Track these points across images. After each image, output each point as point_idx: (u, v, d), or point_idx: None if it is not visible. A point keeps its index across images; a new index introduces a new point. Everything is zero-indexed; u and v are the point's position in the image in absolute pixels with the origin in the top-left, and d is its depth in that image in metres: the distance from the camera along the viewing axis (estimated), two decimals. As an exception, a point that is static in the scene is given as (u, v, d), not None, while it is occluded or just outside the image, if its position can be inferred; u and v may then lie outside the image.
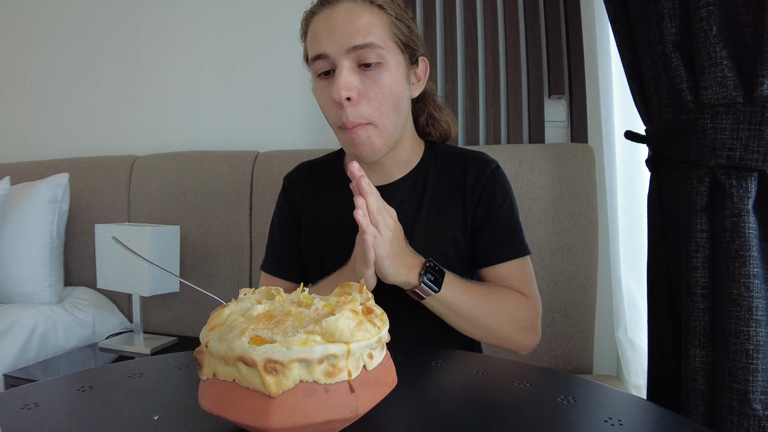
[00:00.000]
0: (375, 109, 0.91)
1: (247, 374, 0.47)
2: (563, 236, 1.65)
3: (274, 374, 0.47)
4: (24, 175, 2.25)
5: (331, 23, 0.90)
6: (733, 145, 0.84)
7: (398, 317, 0.74)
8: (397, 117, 0.96)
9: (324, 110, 0.97)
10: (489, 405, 0.63)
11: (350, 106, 0.90)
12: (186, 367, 0.77)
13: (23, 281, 1.94)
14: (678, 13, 0.91)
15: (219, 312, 0.56)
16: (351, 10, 0.90)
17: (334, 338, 0.49)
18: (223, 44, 2.25)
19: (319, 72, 0.93)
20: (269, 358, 0.46)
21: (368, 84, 0.90)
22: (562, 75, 1.80)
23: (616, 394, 0.66)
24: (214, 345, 0.50)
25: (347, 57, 0.89)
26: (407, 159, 1.07)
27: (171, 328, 2.07)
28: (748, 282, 0.81)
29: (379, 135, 0.94)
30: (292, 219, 1.13)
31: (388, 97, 0.92)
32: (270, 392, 0.46)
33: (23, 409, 0.61)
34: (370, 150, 0.94)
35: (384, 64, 0.91)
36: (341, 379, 0.50)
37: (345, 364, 0.50)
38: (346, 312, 0.52)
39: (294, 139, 2.16)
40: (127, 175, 2.19)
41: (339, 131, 0.96)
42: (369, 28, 0.89)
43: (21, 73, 2.59)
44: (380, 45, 0.90)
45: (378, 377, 0.54)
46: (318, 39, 0.91)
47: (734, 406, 0.81)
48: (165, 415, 0.59)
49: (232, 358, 0.48)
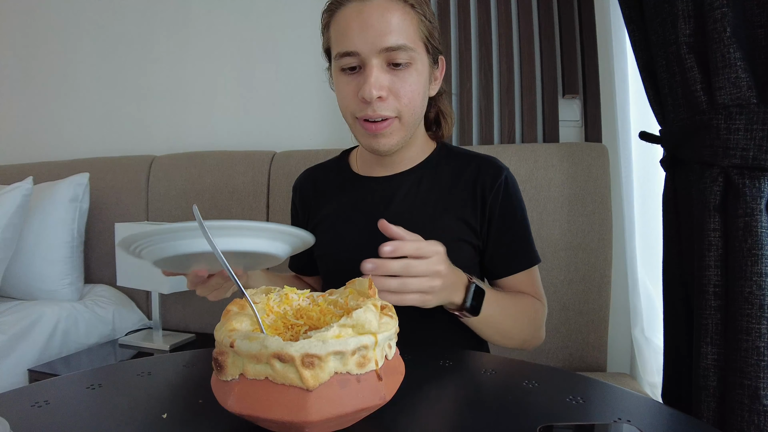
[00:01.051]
0: (404, 105, 0.92)
1: (282, 370, 0.48)
2: (577, 235, 1.66)
3: (311, 368, 0.48)
4: (46, 174, 2.29)
5: (364, 20, 0.88)
6: (747, 146, 0.85)
7: (407, 318, 0.76)
8: (420, 114, 0.98)
9: (344, 102, 0.96)
10: (497, 405, 0.64)
11: (379, 103, 0.91)
12: (194, 366, 0.78)
13: (45, 278, 1.98)
14: (692, 14, 0.92)
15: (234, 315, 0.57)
16: (384, 6, 0.88)
17: (364, 330, 0.51)
18: (241, 45, 2.28)
19: (345, 67, 0.93)
20: (306, 352, 0.48)
21: (397, 83, 0.91)
22: (576, 74, 1.80)
23: (626, 394, 0.67)
24: (243, 344, 0.50)
25: (378, 57, 0.89)
26: (414, 155, 1.09)
27: (189, 325, 2.11)
28: (760, 280, 0.82)
29: (400, 129, 0.95)
30: (300, 224, 1.17)
31: (416, 95, 0.93)
32: (308, 386, 0.47)
33: (33, 406, 0.61)
34: (389, 143, 0.95)
35: (413, 64, 0.92)
36: (370, 369, 0.52)
37: (373, 355, 0.52)
38: (370, 305, 0.54)
39: (310, 138, 2.18)
40: (146, 174, 2.22)
41: (357, 122, 0.96)
42: (401, 28, 0.89)
43: (43, 76, 2.64)
44: (411, 47, 0.90)
45: (395, 366, 0.57)
46: (348, 35, 0.90)
47: (745, 402, 0.82)
48: (174, 413, 0.60)
49: (266, 355, 0.48)
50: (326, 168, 1.21)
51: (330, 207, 1.12)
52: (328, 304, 0.64)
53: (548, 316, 1.08)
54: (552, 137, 1.82)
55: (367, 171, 1.11)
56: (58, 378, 0.73)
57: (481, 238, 1.05)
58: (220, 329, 0.55)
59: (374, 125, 0.93)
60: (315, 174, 1.21)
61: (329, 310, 0.61)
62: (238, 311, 0.58)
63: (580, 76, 1.80)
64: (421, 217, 1.03)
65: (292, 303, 0.63)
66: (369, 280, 0.64)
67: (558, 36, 1.82)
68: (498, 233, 1.04)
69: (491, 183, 1.04)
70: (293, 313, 0.61)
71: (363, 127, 0.95)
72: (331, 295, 0.66)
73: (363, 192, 1.09)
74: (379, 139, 0.95)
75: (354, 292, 0.64)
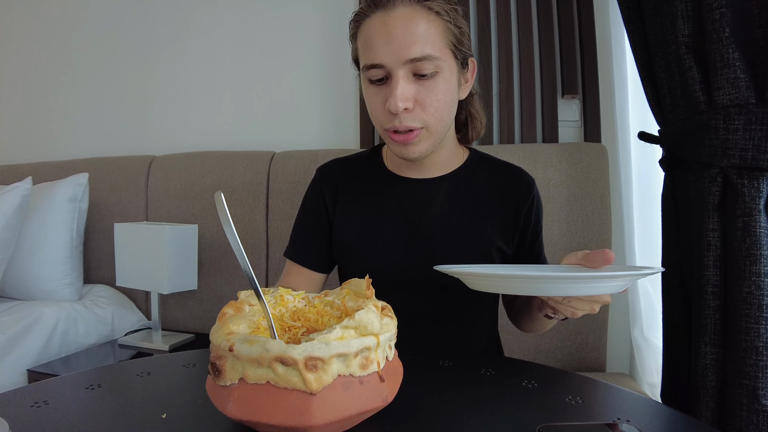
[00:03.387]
0: (430, 115, 0.91)
1: (285, 374, 0.47)
2: (577, 235, 1.66)
3: (314, 371, 0.47)
4: (45, 174, 2.29)
5: (388, 31, 0.87)
6: (746, 146, 0.85)
7: (409, 322, 0.76)
8: (448, 120, 0.96)
9: (373, 113, 0.96)
10: (496, 405, 0.64)
11: (405, 114, 0.90)
12: (193, 366, 0.78)
13: (45, 279, 1.98)
14: (691, 14, 0.92)
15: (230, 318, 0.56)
16: (408, 16, 0.87)
17: (366, 331, 0.51)
18: (240, 45, 2.28)
19: (372, 78, 0.92)
20: (310, 355, 0.47)
21: (424, 93, 0.89)
22: (575, 75, 1.80)
23: (625, 394, 0.67)
24: (243, 348, 0.49)
25: (404, 68, 0.88)
26: (446, 158, 1.08)
27: (188, 325, 2.11)
28: (758, 280, 0.82)
29: (429, 137, 0.94)
30: (323, 210, 1.13)
31: (443, 104, 0.92)
32: (311, 389, 0.47)
33: (32, 406, 0.61)
34: (418, 151, 0.95)
35: (440, 73, 0.90)
36: (372, 371, 0.51)
37: (375, 356, 0.52)
38: (371, 306, 0.53)
39: (310, 139, 2.18)
40: (145, 174, 2.22)
41: (386, 133, 0.95)
42: (426, 38, 0.87)
43: (42, 76, 2.64)
44: (437, 56, 0.88)
45: (395, 366, 0.57)
46: (373, 47, 0.89)
47: (744, 402, 0.82)
48: (173, 413, 0.60)
49: (268, 359, 0.47)
50: (355, 161, 1.18)
51: (364, 200, 1.10)
52: (325, 305, 0.63)
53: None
54: (551, 137, 1.82)
55: (401, 171, 1.09)
56: (57, 378, 0.73)
57: (512, 246, 1.06)
58: (217, 332, 0.54)
59: (402, 136, 0.92)
60: (344, 164, 1.17)
61: (327, 312, 0.61)
62: (234, 314, 0.57)
63: (580, 77, 1.80)
64: (460, 222, 1.04)
65: (287, 304, 0.63)
66: (367, 280, 0.63)
67: (557, 36, 1.83)
68: (528, 242, 1.07)
69: (526, 193, 1.06)
70: (290, 315, 0.60)
71: (392, 138, 0.94)
72: (327, 296, 0.66)
73: (401, 192, 1.08)
74: (408, 148, 0.94)
75: (351, 292, 0.64)
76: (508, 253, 1.06)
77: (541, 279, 0.67)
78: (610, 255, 0.73)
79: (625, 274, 0.67)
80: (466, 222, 1.04)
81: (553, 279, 0.67)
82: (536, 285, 0.68)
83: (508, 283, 0.72)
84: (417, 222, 1.04)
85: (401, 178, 1.09)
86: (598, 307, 0.80)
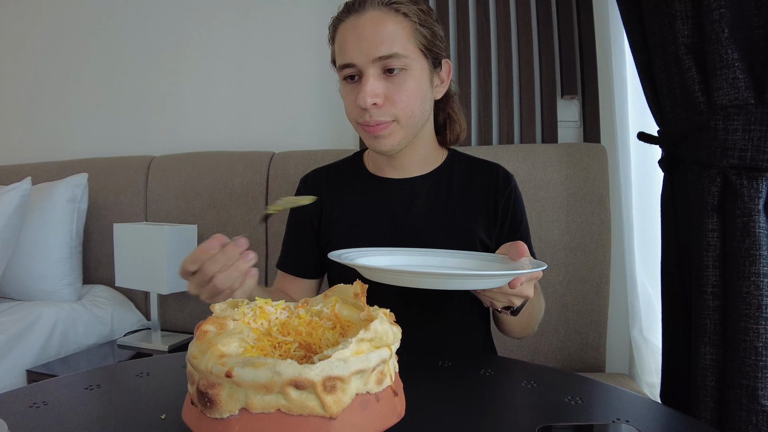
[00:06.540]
0: (400, 110, 0.95)
1: (299, 399, 0.42)
2: (576, 235, 1.66)
3: (333, 393, 0.42)
4: (44, 175, 2.28)
5: (358, 33, 0.93)
6: (745, 146, 0.85)
7: (407, 323, 0.76)
8: (420, 116, 1.00)
9: (348, 109, 1.01)
10: (496, 405, 0.64)
11: (375, 109, 0.94)
12: None
13: (44, 279, 1.98)
14: (690, 15, 0.92)
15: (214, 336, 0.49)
16: (376, 19, 0.93)
17: (381, 343, 0.47)
18: (239, 45, 2.28)
19: (346, 76, 0.98)
20: (328, 375, 0.42)
21: (393, 89, 0.94)
22: (574, 75, 1.80)
23: (624, 395, 0.67)
24: (246, 373, 0.42)
25: (373, 66, 0.93)
26: (425, 158, 1.11)
27: (188, 326, 2.10)
28: (758, 281, 0.82)
29: (400, 130, 0.98)
30: (306, 219, 1.15)
31: (412, 100, 0.96)
32: (331, 413, 0.42)
33: (32, 407, 0.61)
34: (390, 144, 0.98)
35: (408, 70, 0.95)
36: (386, 385, 0.47)
37: (387, 369, 0.48)
38: (382, 315, 0.49)
39: (309, 139, 2.18)
40: (144, 175, 2.22)
41: (359, 127, 1.00)
42: (393, 37, 0.93)
43: (41, 77, 2.64)
44: (404, 54, 0.93)
45: (399, 376, 0.54)
46: (345, 48, 0.95)
47: (743, 402, 0.82)
48: (172, 414, 0.59)
49: (280, 383, 0.42)
50: (337, 167, 1.21)
51: (347, 203, 1.12)
52: (312, 315, 0.57)
53: (547, 317, 1.09)
54: (551, 138, 1.82)
55: (382, 172, 1.13)
56: (56, 379, 0.73)
57: (492, 239, 1.08)
58: (202, 356, 0.46)
59: (372, 128, 0.96)
60: (326, 171, 1.21)
61: (317, 323, 0.55)
62: (218, 332, 0.50)
63: (579, 77, 1.81)
64: (442, 219, 1.06)
65: (269, 317, 0.56)
66: (360, 285, 0.59)
67: (557, 36, 1.83)
68: (507, 235, 1.08)
69: (503, 188, 1.08)
70: (278, 329, 0.54)
71: (365, 130, 0.99)
72: (310, 305, 0.60)
73: (383, 192, 1.11)
74: (379, 140, 0.98)
75: (339, 300, 0.59)
76: (491, 247, 1.08)
77: (423, 274, 0.69)
78: (521, 248, 0.78)
79: (501, 274, 0.68)
80: (449, 219, 1.06)
81: (432, 275, 0.69)
82: (418, 279, 0.69)
83: (396, 277, 0.71)
84: (401, 221, 1.07)
85: (383, 179, 1.12)
86: (519, 301, 0.80)
